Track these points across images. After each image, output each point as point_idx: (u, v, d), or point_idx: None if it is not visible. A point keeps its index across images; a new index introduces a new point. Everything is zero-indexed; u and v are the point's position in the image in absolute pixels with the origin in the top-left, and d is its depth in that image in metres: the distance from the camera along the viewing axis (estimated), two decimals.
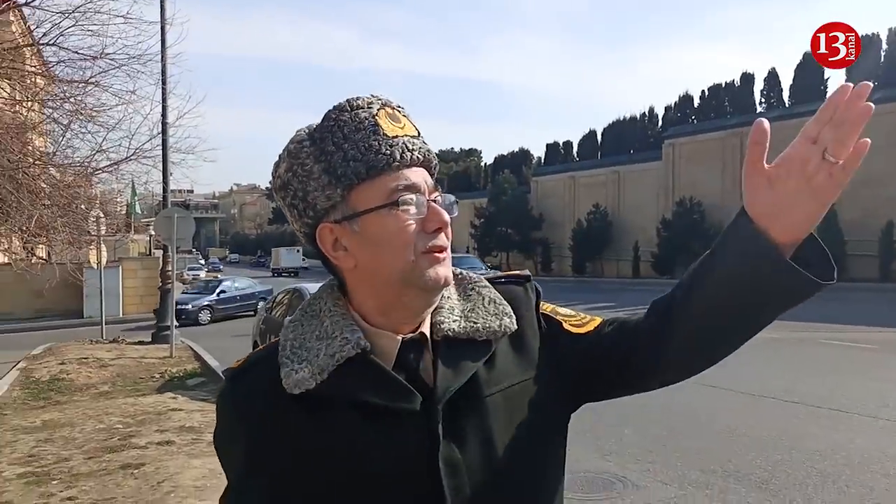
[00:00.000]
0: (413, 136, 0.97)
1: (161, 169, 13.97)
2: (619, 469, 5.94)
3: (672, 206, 38.23)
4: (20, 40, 10.65)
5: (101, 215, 15.53)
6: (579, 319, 1.10)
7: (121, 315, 23.64)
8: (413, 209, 0.93)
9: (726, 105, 40.77)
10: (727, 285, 0.91)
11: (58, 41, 9.74)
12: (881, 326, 15.06)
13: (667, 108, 45.17)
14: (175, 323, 14.07)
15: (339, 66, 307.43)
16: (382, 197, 0.92)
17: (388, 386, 0.92)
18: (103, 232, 15.93)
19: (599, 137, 49.32)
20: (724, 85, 41.26)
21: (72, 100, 10.39)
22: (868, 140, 0.86)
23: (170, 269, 15.12)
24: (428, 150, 0.99)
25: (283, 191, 0.98)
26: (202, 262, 70.49)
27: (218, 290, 24.11)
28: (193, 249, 71.04)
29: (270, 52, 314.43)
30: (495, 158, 59.03)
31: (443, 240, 0.96)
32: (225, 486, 1.01)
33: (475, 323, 0.99)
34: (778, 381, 9.35)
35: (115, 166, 11.14)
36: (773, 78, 38.86)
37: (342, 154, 0.92)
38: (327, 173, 0.93)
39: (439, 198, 0.99)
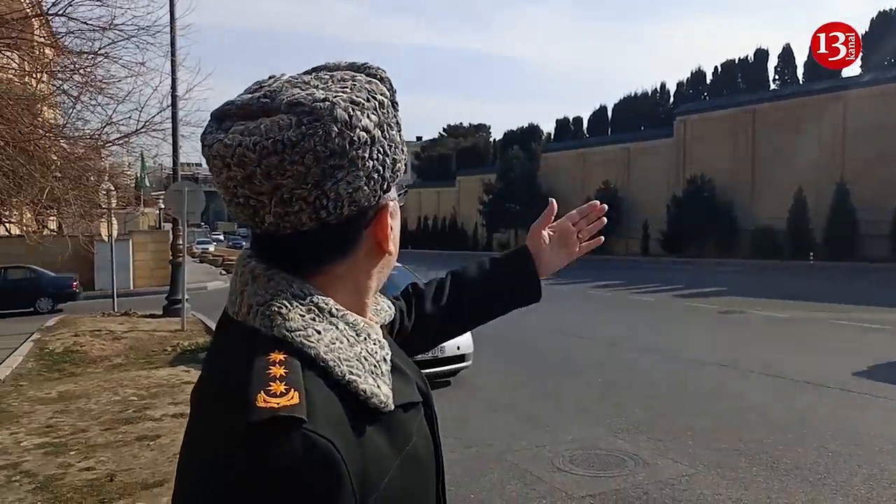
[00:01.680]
0: None
1: (171, 142, 13.96)
2: (630, 447, 5.96)
3: (682, 184, 37.99)
4: (28, 10, 10.58)
5: (112, 188, 15.57)
6: None
7: (131, 288, 23.80)
8: None
9: (739, 81, 40.27)
10: (505, 286, 1.34)
11: (67, 11, 9.67)
12: (892, 307, 15.00)
13: (678, 85, 44.67)
14: (186, 296, 14.15)
15: (349, 38, 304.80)
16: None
17: (407, 379, 0.89)
18: (114, 205, 15.98)
19: (610, 114, 48.90)
20: (737, 61, 40.73)
21: (81, 71, 10.35)
22: (602, 238, 1.39)
23: (180, 242, 15.17)
24: None
25: (368, 149, 0.78)
26: (219, 236, 70.69)
27: None
28: (203, 224, 71.13)
29: (279, 25, 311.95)
30: (505, 134, 58.63)
31: None
32: None
33: (378, 311, 1.02)
34: (789, 361, 9.34)
35: (126, 139, 11.13)
36: (787, 54, 38.31)
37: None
38: (404, 144, 0.86)
39: None
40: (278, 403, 0.67)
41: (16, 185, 10.56)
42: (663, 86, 46.35)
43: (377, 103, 0.80)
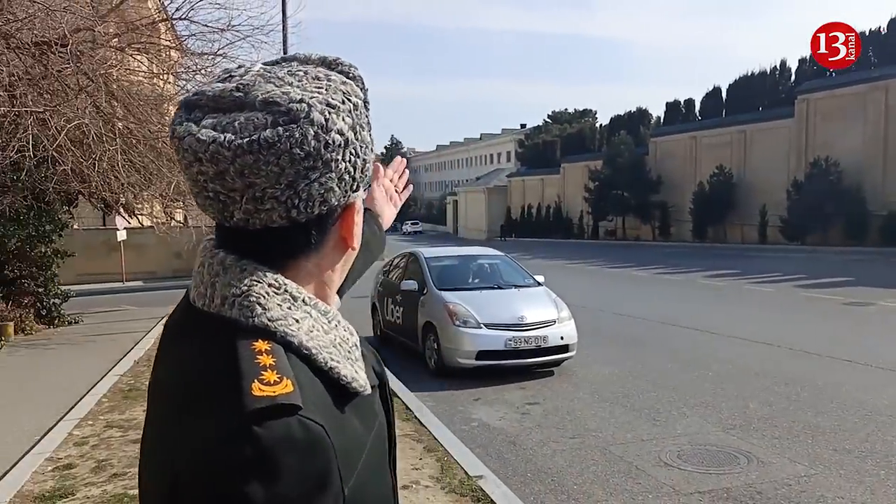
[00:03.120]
0: None
1: None
2: (742, 443, 5.72)
3: (805, 167, 35.63)
4: (155, 16, 11.33)
5: None
6: None
7: None
8: None
9: (870, 55, 37.27)
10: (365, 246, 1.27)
11: (189, 15, 10.30)
12: None
13: (801, 61, 41.79)
14: None
15: (450, 27, 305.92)
16: None
17: (369, 367, 0.91)
18: None
19: (724, 94, 46.53)
20: (868, 33, 37.70)
21: (202, 71, 11.00)
22: (411, 187, 1.67)
23: None
24: None
25: (342, 151, 0.78)
26: None
27: None
28: None
29: (379, 16, 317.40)
30: (611, 119, 57.04)
31: None
32: None
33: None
34: None
35: None
36: None
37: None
38: (373, 144, 0.86)
39: None
40: (274, 392, 0.70)
41: (146, 179, 11.39)
42: (783, 63, 43.53)
43: (352, 105, 0.80)
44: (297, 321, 0.78)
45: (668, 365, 8.83)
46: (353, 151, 0.80)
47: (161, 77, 12.17)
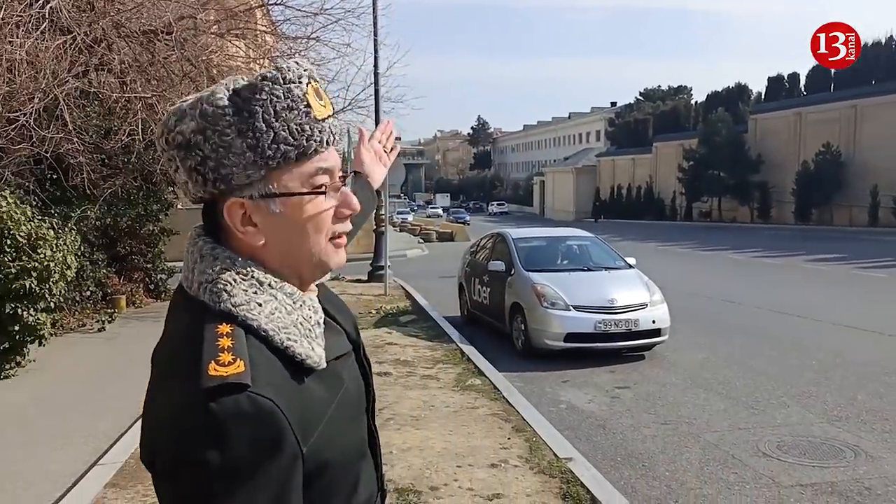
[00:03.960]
0: (333, 116, 1.00)
1: (374, 118, 14.78)
2: (850, 436, 5.41)
3: None
4: (252, 2, 11.68)
5: None
6: None
7: None
8: (332, 197, 0.98)
9: None
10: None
11: (284, 0, 10.55)
12: None
13: None
14: (389, 263, 15.03)
15: (538, 4, 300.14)
16: (304, 179, 0.94)
17: (338, 332, 1.05)
18: None
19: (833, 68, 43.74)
20: None
21: (297, 55, 11.26)
22: (398, 148, 1.74)
23: (383, 213, 16.09)
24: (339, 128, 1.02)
25: (184, 150, 0.90)
26: (437, 209, 70.14)
27: None
28: (402, 195, 74.12)
29: None
30: (708, 96, 54.77)
31: (347, 226, 1.02)
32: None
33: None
34: None
35: (334, 117, 11.96)
36: None
37: (272, 134, 0.90)
38: (253, 151, 0.90)
39: (347, 179, 1.05)
40: (227, 372, 0.82)
41: None
42: None
43: (199, 112, 0.90)
44: (259, 305, 0.90)
45: (767, 352, 8.46)
46: (198, 152, 0.90)
47: (257, 62, 12.56)
